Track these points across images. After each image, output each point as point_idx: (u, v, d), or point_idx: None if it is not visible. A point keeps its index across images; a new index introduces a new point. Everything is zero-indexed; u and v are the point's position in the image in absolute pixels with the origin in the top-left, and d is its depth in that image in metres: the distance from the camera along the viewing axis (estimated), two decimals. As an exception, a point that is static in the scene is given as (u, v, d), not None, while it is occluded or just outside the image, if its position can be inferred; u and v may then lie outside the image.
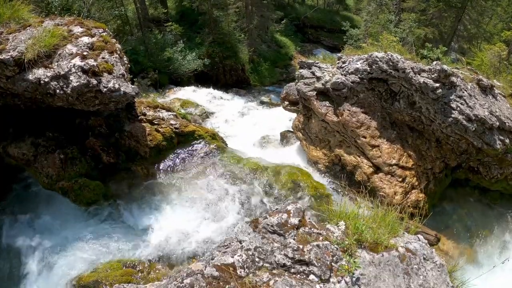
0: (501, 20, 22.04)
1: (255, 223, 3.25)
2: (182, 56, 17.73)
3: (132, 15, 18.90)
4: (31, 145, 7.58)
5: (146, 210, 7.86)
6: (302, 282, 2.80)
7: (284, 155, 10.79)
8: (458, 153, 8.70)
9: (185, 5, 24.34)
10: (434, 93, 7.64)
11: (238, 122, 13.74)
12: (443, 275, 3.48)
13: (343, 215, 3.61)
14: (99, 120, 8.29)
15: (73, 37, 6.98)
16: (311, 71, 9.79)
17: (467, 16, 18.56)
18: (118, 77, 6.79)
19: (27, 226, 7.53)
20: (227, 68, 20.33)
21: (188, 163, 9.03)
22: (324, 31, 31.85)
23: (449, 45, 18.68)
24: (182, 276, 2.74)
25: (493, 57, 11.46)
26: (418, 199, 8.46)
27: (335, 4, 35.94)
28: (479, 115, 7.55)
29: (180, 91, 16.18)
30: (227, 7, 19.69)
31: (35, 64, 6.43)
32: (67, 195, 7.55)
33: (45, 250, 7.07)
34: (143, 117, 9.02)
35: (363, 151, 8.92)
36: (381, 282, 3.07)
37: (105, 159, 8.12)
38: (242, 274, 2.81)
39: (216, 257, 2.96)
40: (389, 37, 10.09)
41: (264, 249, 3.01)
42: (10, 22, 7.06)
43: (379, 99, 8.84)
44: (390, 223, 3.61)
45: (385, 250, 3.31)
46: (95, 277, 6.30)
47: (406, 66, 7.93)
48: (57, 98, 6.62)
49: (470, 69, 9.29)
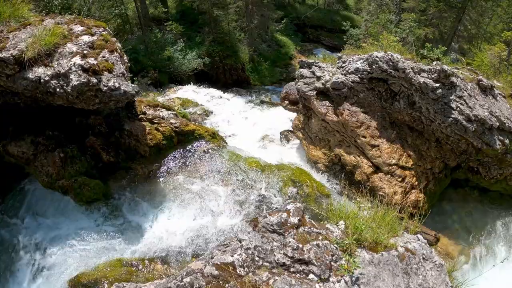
0: (501, 20, 22.02)
1: (255, 222, 3.25)
2: (182, 55, 17.72)
3: (132, 14, 18.89)
4: (31, 144, 7.59)
5: (146, 209, 7.87)
6: (302, 281, 2.81)
7: (284, 155, 10.79)
8: (458, 153, 8.70)
9: (185, 5, 24.32)
10: (434, 93, 7.64)
11: (238, 122, 13.72)
12: (442, 274, 3.48)
13: (343, 214, 3.62)
14: (99, 119, 8.29)
15: (73, 36, 6.98)
16: (311, 70, 9.79)
17: (467, 17, 18.55)
18: (118, 76, 6.80)
19: (26, 225, 7.54)
20: (227, 68, 20.30)
21: (188, 162, 9.03)
22: (324, 30, 31.85)
23: (449, 45, 18.68)
24: (182, 275, 2.74)
25: (493, 57, 11.46)
26: (417, 199, 8.46)
27: (336, 4, 35.93)
28: (479, 115, 7.55)
29: (180, 90, 16.17)
30: (227, 7, 19.66)
31: (35, 62, 6.43)
32: (67, 194, 7.57)
33: (44, 248, 7.08)
34: (143, 116, 9.02)
35: (363, 150, 8.92)
36: (380, 282, 3.07)
37: (105, 158, 8.12)
38: (242, 273, 2.81)
39: (216, 256, 2.96)
40: (389, 37, 10.08)
41: (263, 248, 3.02)
42: (10, 20, 7.06)
43: (379, 99, 8.84)
44: (389, 223, 3.62)
45: (384, 250, 3.31)
46: (94, 275, 6.30)
47: (406, 66, 7.93)
48: (57, 97, 6.62)
49: (470, 69, 9.28)
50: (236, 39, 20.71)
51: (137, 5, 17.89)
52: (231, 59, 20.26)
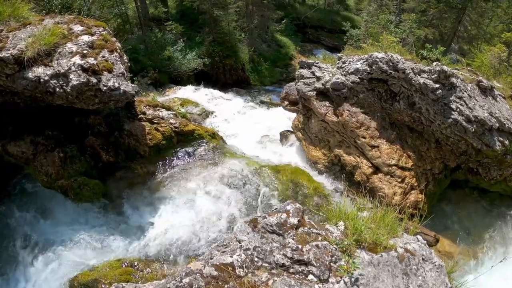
0: (501, 21, 22.04)
1: (254, 223, 3.25)
2: (182, 55, 17.72)
3: (132, 14, 18.88)
4: (31, 144, 7.58)
5: (145, 209, 7.86)
6: (301, 282, 2.80)
7: (284, 155, 10.80)
8: (458, 154, 8.70)
9: (186, 4, 24.35)
10: (434, 94, 7.64)
11: (238, 122, 13.72)
12: (442, 275, 3.48)
13: (342, 215, 3.61)
14: (98, 118, 8.28)
15: (73, 36, 6.97)
16: (311, 71, 9.79)
17: (467, 17, 18.55)
18: (118, 76, 6.79)
19: (25, 225, 7.52)
20: (227, 68, 20.30)
21: (187, 162, 9.02)
22: (325, 31, 31.86)
23: (449, 46, 18.68)
24: (181, 276, 2.74)
25: (493, 58, 11.46)
26: (417, 199, 8.46)
27: (336, 4, 35.94)
28: (479, 116, 7.55)
29: (180, 90, 16.17)
30: (228, 7, 19.67)
31: (35, 62, 6.42)
32: (66, 194, 7.55)
33: (43, 248, 7.07)
34: (142, 116, 9.02)
35: (362, 151, 8.92)
36: (380, 283, 3.07)
37: (105, 158, 8.11)
38: (241, 274, 2.80)
39: (215, 256, 2.96)
40: (390, 37, 10.07)
41: (263, 248, 3.01)
42: (10, 20, 7.06)
43: (379, 100, 8.84)
44: (389, 224, 3.61)
45: (384, 251, 3.31)
46: (94, 275, 6.29)
47: (406, 66, 7.93)
48: (57, 97, 6.61)
49: (470, 70, 9.28)
50: (236, 39, 20.71)
51: (137, 4, 17.89)
52: (231, 59, 20.27)
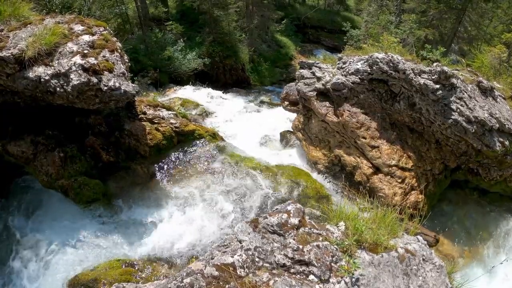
0: (502, 22, 22.05)
1: (255, 223, 3.25)
2: (182, 55, 17.71)
3: (132, 14, 18.86)
4: (31, 143, 7.58)
5: (145, 209, 7.86)
6: (302, 282, 2.80)
7: (284, 155, 10.79)
8: (458, 155, 8.71)
9: (186, 4, 24.33)
10: (434, 95, 7.65)
11: (238, 122, 13.70)
12: (442, 276, 3.48)
13: (343, 215, 3.61)
14: (99, 118, 8.28)
15: (74, 35, 6.98)
16: (311, 71, 9.79)
17: (467, 18, 18.54)
18: (118, 76, 6.80)
19: (26, 225, 7.52)
20: (227, 68, 20.29)
21: (187, 162, 9.03)
22: (325, 31, 31.83)
23: (449, 47, 18.68)
24: (182, 276, 2.74)
25: (493, 59, 11.45)
26: (417, 200, 8.46)
27: (336, 5, 35.93)
28: (479, 116, 7.56)
29: (180, 90, 16.16)
30: (228, 7, 19.65)
31: (36, 62, 6.43)
32: (67, 194, 7.55)
33: (43, 248, 7.07)
34: (143, 116, 9.02)
35: (363, 151, 8.92)
36: (380, 283, 3.07)
37: (105, 157, 8.11)
38: (242, 274, 2.81)
39: (216, 256, 2.96)
40: (390, 38, 10.08)
41: (264, 249, 3.01)
42: (11, 19, 7.06)
43: (379, 100, 8.84)
44: (389, 224, 3.61)
45: (384, 251, 3.31)
46: (94, 275, 6.29)
47: (406, 67, 7.93)
48: (57, 96, 6.61)
49: (471, 70, 9.29)
50: (236, 39, 20.70)
51: (138, 4, 17.87)
52: (231, 59, 20.25)
